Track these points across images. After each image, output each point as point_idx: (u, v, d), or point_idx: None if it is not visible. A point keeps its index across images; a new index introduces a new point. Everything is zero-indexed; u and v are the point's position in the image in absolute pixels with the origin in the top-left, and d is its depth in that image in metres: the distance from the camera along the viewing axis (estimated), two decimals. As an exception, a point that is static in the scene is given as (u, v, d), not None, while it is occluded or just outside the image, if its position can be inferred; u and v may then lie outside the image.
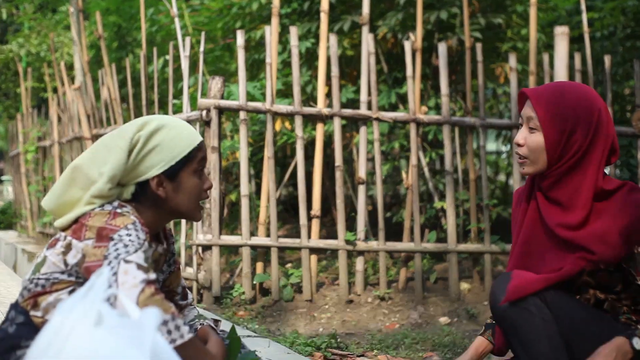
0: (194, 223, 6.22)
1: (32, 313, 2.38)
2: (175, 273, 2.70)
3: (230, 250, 7.33)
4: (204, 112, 6.04)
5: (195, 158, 2.50)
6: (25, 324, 2.38)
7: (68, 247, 2.38)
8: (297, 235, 6.68)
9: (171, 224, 6.76)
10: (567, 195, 2.57)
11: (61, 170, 9.59)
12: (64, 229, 2.43)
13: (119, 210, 2.39)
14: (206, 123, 6.05)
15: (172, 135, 2.47)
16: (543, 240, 2.64)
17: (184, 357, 2.16)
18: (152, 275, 2.23)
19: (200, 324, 2.59)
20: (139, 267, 2.21)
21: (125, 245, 2.25)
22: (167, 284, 2.69)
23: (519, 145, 2.62)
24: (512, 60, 6.48)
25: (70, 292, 2.38)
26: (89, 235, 2.34)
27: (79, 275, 2.38)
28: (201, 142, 2.53)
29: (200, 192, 2.54)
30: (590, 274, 2.60)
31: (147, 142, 2.44)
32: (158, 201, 2.48)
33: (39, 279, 2.39)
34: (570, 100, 2.53)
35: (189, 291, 2.78)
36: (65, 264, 2.38)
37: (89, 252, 2.30)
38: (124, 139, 2.43)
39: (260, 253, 6.41)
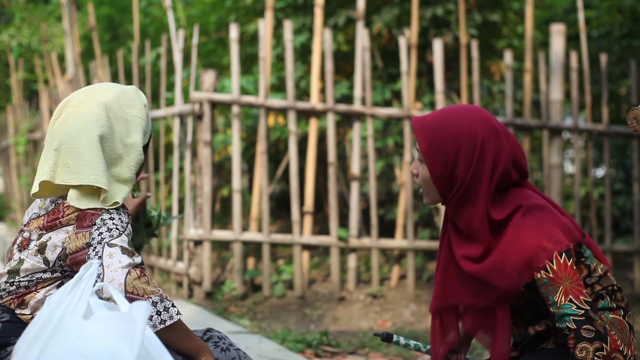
0: (186, 217, 6.17)
1: (18, 311, 2.32)
2: None
3: (222, 246, 7.28)
4: (197, 106, 5.98)
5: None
6: (12, 321, 2.32)
7: (42, 245, 2.29)
8: (289, 231, 6.65)
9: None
10: (465, 225, 2.47)
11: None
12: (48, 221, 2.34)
13: None
14: (198, 117, 6.00)
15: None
16: (458, 268, 2.55)
17: (172, 338, 2.17)
18: (138, 259, 2.21)
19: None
20: (124, 250, 2.20)
21: (109, 229, 2.23)
22: None
23: (414, 174, 2.54)
24: (508, 58, 6.45)
25: (58, 286, 2.32)
26: (67, 221, 2.28)
27: (64, 270, 2.31)
28: None
29: None
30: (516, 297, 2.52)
31: (148, 110, 2.50)
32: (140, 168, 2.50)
33: (19, 281, 2.31)
34: (451, 132, 2.42)
35: None
36: (47, 261, 2.30)
37: (70, 245, 2.25)
38: (139, 108, 2.44)
39: (252, 249, 6.37)
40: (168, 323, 2.15)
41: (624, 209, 7.63)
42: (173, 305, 2.18)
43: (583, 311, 2.29)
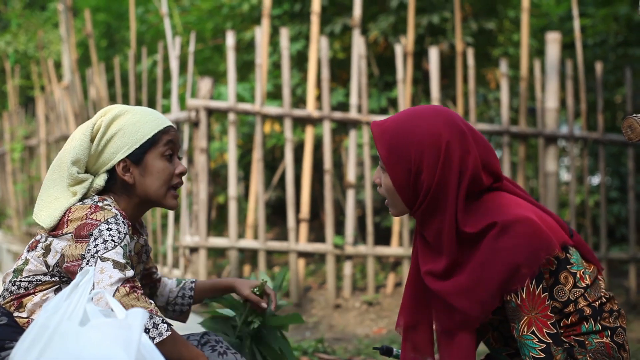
0: (182, 224, 6.16)
1: (16, 314, 2.35)
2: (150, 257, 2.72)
3: (218, 253, 7.27)
4: (193, 113, 5.99)
5: (160, 141, 2.46)
6: (9, 325, 2.34)
7: (47, 249, 2.34)
8: (285, 238, 6.65)
9: (158, 225, 6.71)
10: (434, 238, 2.29)
11: (47, 170, 9.46)
12: (52, 230, 2.38)
13: (100, 204, 2.35)
14: (195, 124, 6.00)
15: (135, 120, 2.44)
16: (426, 286, 2.36)
17: (164, 352, 2.14)
18: (129, 272, 2.21)
19: (192, 282, 2.79)
20: (116, 264, 2.20)
21: (105, 241, 2.23)
22: (147, 267, 2.71)
23: (377, 184, 2.36)
24: (504, 66, 6.46)
25: (56, 290, 2.35)
26: (67, 230, 2.31)
27: (62, 275, 2.34)
28: (169, 127, 2.49)
29: (170, 176, 2.48)
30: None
31: (109, 127, 2.43)
32: (128, 188, 2.45)
33: (21, 281, 2.36)
34: (412, 137, 2.23)
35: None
36: (47, 265, 2.34)
37: (67, 252, 2.27)
38: (87, 126, 2.43)
39: (248, 256, 6.36)
40: (157, 340, 2.14)
41: (619, 217, 7.64)
42: (163, 321, 2.18)
43: (544, 345, 2.17)
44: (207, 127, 5.99)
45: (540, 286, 2.18)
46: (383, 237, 7.01)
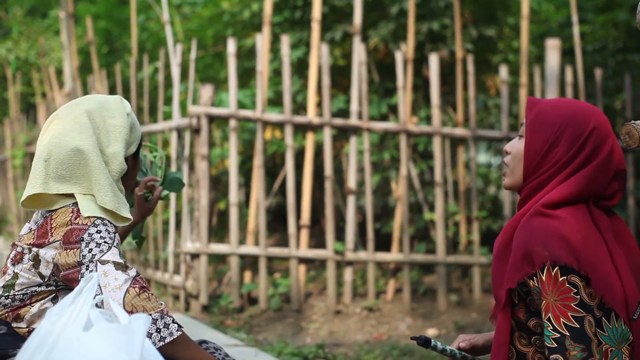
0: (183, 231, 6.18)
1: (14, 325, 2.33)
2: None
3: (219, 259, 7.29)
4: (194, 120, 6.01)
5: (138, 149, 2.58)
6: (9, 334, 2.33)
7: (36, 260, 2.30)
8: (286, 244, 6.66)
9: (159, 231, 6.72)
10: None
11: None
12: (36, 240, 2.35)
13: None
14: (196, 131, 6.03)
15: (135, 119, 2.55)
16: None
17: (175, 353, 2.17)
18: (133, 272, 2.21)
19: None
20: (117, 265, 2.20)
21: (98, 244, 2.22)
22: None
23: (506, 153, 2.40)
24: (503, 72, 6.49)
25: (53, 299, 2.34)
26: (53, 238, 2.28)
27: (59, 283, 2.32)
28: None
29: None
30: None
31: (134, 119, 2.50)
32: (122, 177, 2.49)
33: (15, 295, 2.32)
34: (564, 111, 2.25)
35: None
36: (42, 276, 2.31)
37: (60, 261, 2.25)
38: (121, 117, 2.44)
39: (249, 262, 6.38)
40: (167, 340, 2.15)
41: (619, 223, 7.65)
42: (174, 322, 2.18)
43: (559, 335, 2.06)
44: (208, 134, 6.02)
45: (566, 278, 2.08)
46: (383, 243, 7.02)
